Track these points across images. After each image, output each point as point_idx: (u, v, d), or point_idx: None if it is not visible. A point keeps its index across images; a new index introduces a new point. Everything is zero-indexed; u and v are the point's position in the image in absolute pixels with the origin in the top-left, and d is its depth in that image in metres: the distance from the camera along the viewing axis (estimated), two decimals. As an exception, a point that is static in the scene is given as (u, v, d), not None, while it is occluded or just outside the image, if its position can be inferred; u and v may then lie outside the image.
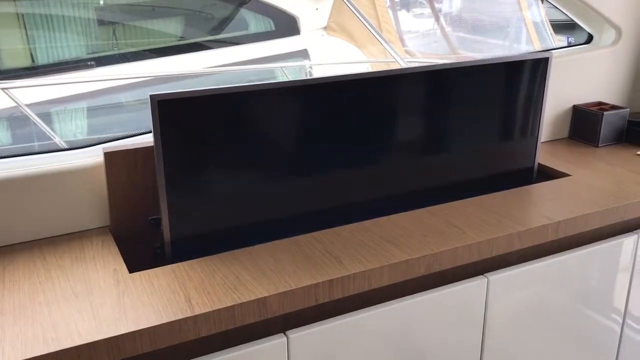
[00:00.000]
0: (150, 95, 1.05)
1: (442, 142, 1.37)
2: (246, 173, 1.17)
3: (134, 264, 1.10)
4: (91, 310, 0.94)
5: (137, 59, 3.58)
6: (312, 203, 1.25)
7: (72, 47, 3.45)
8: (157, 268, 1.06)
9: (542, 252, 1.29)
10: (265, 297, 0.97)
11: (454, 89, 1.34)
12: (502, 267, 1.23)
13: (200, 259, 1.09)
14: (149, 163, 1.21)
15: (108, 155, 1.18)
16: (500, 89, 1.40)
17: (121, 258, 1.10)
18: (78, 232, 1.21)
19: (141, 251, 1.19)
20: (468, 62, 1.34)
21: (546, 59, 1.43)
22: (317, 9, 4.29)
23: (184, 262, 1.08)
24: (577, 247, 1.33)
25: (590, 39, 1.80)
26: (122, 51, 3.62)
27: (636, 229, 1.41)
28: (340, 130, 1.24)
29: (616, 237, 1.38)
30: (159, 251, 1.16)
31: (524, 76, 1.42)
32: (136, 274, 1.04)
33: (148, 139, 1.27)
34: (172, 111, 1.07)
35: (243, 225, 1.19)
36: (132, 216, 1.22)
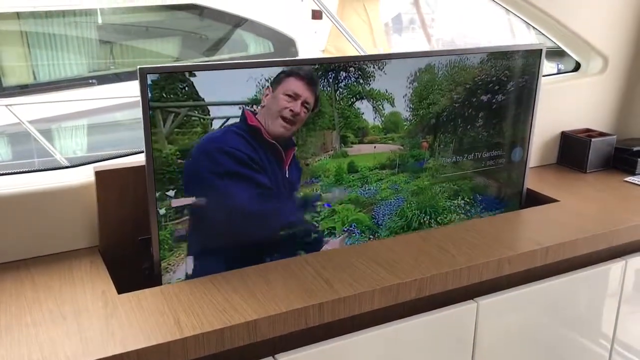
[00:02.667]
0: (139, 68, 1.01)
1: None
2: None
3: (123, 285, 1.09)
4: (79, 332, 0.93)
5: (133, 79, 3.59)
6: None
7: (73, 65, 3.47)
8: (146, 289, 1.05)
9: (531, 277, 1.29)
10: (255, 320, 0.97)
11: (443, 88, 1.32)
12: (492, 292, 1.24)
13: (190, 280, 1.09)
14: (140, 182, 1.21)
15: (99, 175, 1.18)
16: (489, 89, 1.36)
17: (110, 279, 1.10)
18: (67, 251, 1.20)
19: (130, 272, 1.18)
20: (455, 50, 1.30)
21: (539, 50, 1.38)
22: (315, 32, 4.35)
23: (173, 284, 1.08)
24: (565, 272, 1.34)
25: (578, 66, 1.83)
26: (117, 71, 3.64)
27: (623, 255, 1.42)
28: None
29: (604, 263, 1.39)
30: (148, 272, 1.15)
31: (515, 70, 1.40)
32: (125, 295, 1.03)
33: (140, 159, 1.27)
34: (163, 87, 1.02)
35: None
36: (121, 236, 1.22)
